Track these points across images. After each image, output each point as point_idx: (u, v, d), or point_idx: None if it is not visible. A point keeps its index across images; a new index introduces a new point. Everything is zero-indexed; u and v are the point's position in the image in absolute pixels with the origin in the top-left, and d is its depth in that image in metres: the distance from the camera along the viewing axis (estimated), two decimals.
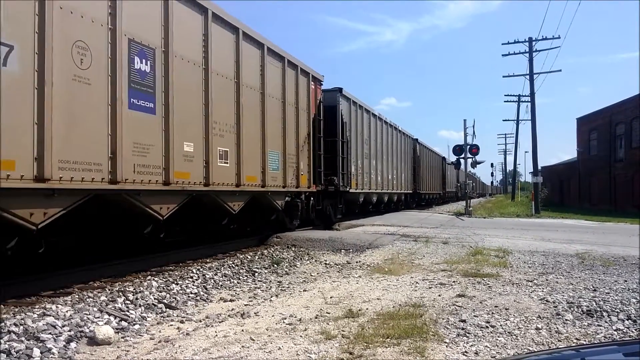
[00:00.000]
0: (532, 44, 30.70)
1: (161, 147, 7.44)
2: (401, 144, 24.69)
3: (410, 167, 27.12)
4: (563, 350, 2.45)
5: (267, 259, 9.55)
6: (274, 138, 11.25)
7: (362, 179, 17.76)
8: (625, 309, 5.58)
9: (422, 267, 8.47)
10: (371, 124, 19.32)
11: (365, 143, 18.40)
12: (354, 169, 16.66)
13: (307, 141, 13.01)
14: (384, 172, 21.06)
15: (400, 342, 4.38)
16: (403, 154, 25.18)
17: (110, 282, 6.89)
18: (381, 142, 20.73)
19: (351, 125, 16.53)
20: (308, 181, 13.04)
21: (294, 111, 12.34)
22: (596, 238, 13.85)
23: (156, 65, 7.38)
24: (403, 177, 25.16)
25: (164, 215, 7.61)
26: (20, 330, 4.53)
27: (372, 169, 19.12)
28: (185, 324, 5.28)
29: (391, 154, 22.48)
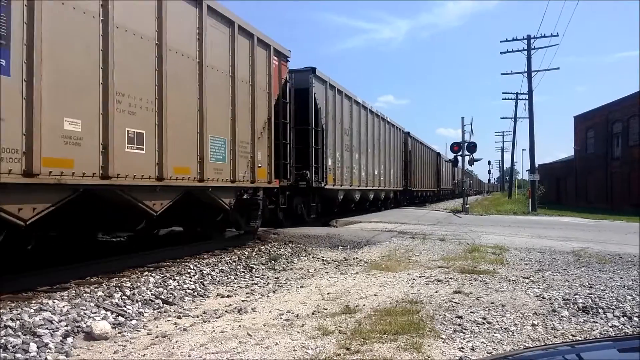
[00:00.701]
0: (530, 42, 30.72)
1: (21, 123, 5.35)
2: (390, 136, 22.94)
3: (400, 162, 25.32)
4: (558, 346, 2.46)
5: (264, 255, 9.55)
6: (218, 121, 8.99)
7: (342, 173, 16.03)
8: (620, 305, 5.61)
9: (419, 264, 8.49)
10: (353, 113, 17.39)
11: (346, 133, 16.49)
12: (331, 163, 14.92)
13: (267, 127, 10.84)
14: (369, 167, 19.36)
15: (397, 338, 4.39)
16: (392, 148, 23.47)
17: (107, 277, 6.88)
18: (366, 133, 18.87)
19: (328, 111, 14.61)
20: (268, 175, 10.95)
21: (248, 90, 10.05)
22: (592, 236, 13.90)
23: (12, 6, 5.29)
24: (392, 173, 23.37)
25: (26, 220, 5.54)
26: (17, 325, 4.52)
27: (354, 163, 17.39)
28: (183, 319, 5.28)
29: (378, 147, 20.68)
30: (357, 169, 17.87)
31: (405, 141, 26.79)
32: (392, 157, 23.31)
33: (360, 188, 18.40)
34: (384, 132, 21.75)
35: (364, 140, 18.65)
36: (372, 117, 19.89)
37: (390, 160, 23.02)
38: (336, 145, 15.45)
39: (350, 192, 17.56)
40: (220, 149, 9.10)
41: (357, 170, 17.84)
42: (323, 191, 14.74)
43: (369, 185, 19.43)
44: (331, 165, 14.87)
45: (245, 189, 10.19)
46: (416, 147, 29.55)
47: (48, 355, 4.07)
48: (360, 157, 18.17)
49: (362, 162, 18.41)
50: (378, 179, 20.76)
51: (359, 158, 17.96)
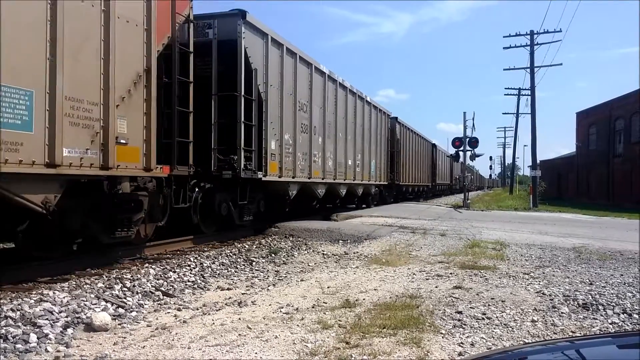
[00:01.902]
0: (533, 37, 30.60)
1: None
2: (372, 121, 19.36)
3: (385, 153, 21.63)
4: (558, 342, 2.46)
5: (264, 249, 9.56)
6: (20, 59, 5.43)
7: (295, 162, 12.26)
8: (621, 302, 5.61)
9: (419, 259, 8.49)
10: (315, 84, 13.54)
11: (303, 110, 12.69)
12: (276, 146, 11.22)
13: (142, 84, 7.27)
14: (339, 155, 15.65)
15: (396, 332, 4.40)
16: (375, 135, 19.98)
17: (107, 269, 6.90)
18: (334, 112, 15.06)
19: (269, 76, 10.80)
20: (144, 158, 7.34)
21: (97, 16, 6.47)
22: (593, 232, 13.88)
23: None
24: (374, 164, 19.82)
25: None
26: (17, 316, 4.53)
27: (316, 149, 13.68)
28: (183, 311, 5.29)
29: (353, 132, 17.15)
30: (321, 156, 14.07)
31: (392, 128, 23.13)
32: (373, 145, 19.70)
33: (326, 181, 14.51)
34: (362, 114, 18.12)
35: (332, 121, 14.85)
36: (344, 94, 16.12)
37: (372, 149, 19.36)
38: (284, 122, 11.64)
39: (310, 186, 13.64)
40: (22, 108, 5.47)
41: (321, 159, 14.07)
42: (266, 185, 11.30)
43: (338, 177, 15.57)
44: (275, 149, 11.18)
45: (90, 178, 6.60)
46: (406, 135, 25.91)
47: (48, 345, 4.09)
48: (326, 143, 14.37)
49: (328, 149, 14.56)
50: (353, 170, 17.11)
51: (323, 143, 14.14)
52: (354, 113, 17.35)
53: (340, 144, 15.84)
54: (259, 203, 11.61)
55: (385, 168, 21.87)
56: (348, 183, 16.74)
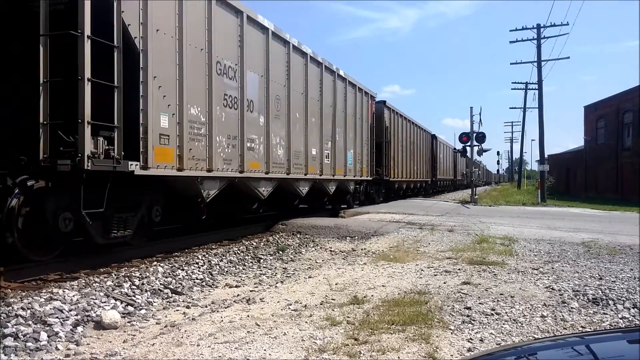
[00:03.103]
0: (540, 31, 30.40)
1: None
2: (349, 102, 15.79)
3: (368, 142, 18.07)
4: (568, 337, 2.45)
5: (272, 246, 9.58)
6: None
7: (212, 148, 8.44)
8: (631, 297, 5.57)
9: (427, 255, 8.48)
10: (249, 41, 9.70)
11: (229, 75, 9.06)
12: (171, 123, 7.49)
13: None
14: (295, 142, 11.81)
15: (405, 328, 4.39)
16: (354, 120, 16.37)
17: (116, 267, 6.93)
18: (286, 86, 11.39)
19: (153, 15, 7.09)
20: None
21: None
22: (602, 227, 13.80)
23: None
24: (352, 155, 16.09)
25: None
26: (28, 314, 4.57)
27: (254, 131, 9.92)
28: (191, 309, 5.32)
29: (318, 114, 13.30)
30: (263, 143, 10.27)
31: (379, 113, 19.67)
32: (351, 132, 16.09)
33: (273, 176, 10.76)
34: (332, 92, 14.22)
35: (282, 96, 11.24)
36: (303, 62, 12.32)
37: (348, 137, 15.74)
38: (188, 89, 7.76)
39: (245, 183, 9.84)
40: None
41: (263, 146, 10.30)
42: (161, 182, 7.82)
43: (295, 171, 11.87)
44: (170, 128, 7.41)
45: None
46: (398, 123, 22.51)
47: (58, 344, 4.11)
48: (272, 124, 10.63)
49: (276, 133, 10.91)
50: (319, 163, 13.34)
51: (267, 125, 10.39)
52: (319, 89, 13.31)
53: (298, 127, 12.04)
54: (152, 210, 7.84)
55: (369, 160, 18.18)
56: (311, 178, 12.91)
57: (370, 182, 18.87)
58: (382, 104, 20.09)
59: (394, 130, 21.60)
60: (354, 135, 16.41)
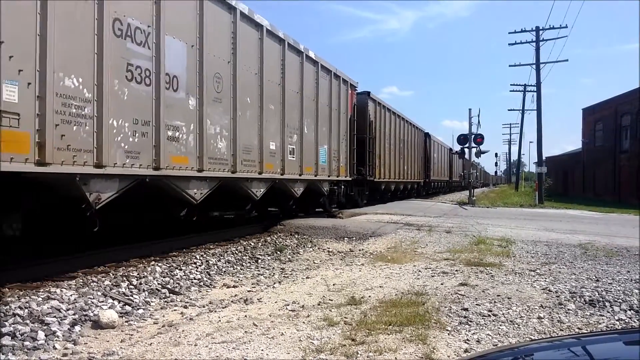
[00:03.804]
0: (539, 33, 30.45)
1: None
2: (322, 89, 13.58)
3: (348, 137, 15.83)
4: (565, 338, 2.46)
5: (270, 246, 9.59)
6: None
7: (106, 135, 6.31)
8: (627, 299, 5.59)
9: (424, 256, 8.49)
10: None
11: (138, 41, 6.91)
12: (22, 96, 5.20)
13: None
14: (244, 133, 9.66)
15: (402, 329, 4.40)
16: (328, 111, 14.04)
17: (114, 267, 6.93)
18: (232, 62, 9.19)
19: None
20: None
21: None
22: (599, 229, 13.83)
23: None
24: (326, 152, 13.91)
25: None
26: (25, 314, 4.57)
27: (179, 117, 7.80)
28: (189, 309, 5.32)
29: (280, 101, 11.20)
30: (194, 132, 8.12)
31: (362, 105, 17.55)
32: (325, 125, 13.89)
33: (212, 175, 8.64)
34: (299, 76, 12.19)
35: (225, 75, 9.00)
36: (257, 36, 10.14)
37: (321, 131, 13.58)
38: (52, 45, 5.56)
39: (166, 182, 7.61)
40: None
41: (195, 137, 8.12)
42: None
43: (245, 169, 9.72)
44: (15, 98, 5.17)
45: None
46: (385, 118, 20.41)
47: (56, 343, 4.11)
48: (209, 109, 8.49)
49: (215, 121, 8.76)
50: (280, 159, 11.26)
51: (200, 109, 8.26)
52: (280, 71, 11.18)
53: (249, 115, 9.87)
54: None
55: (349, 158, 15.99)
56: (269, 178, 10.74)
57: (351, 183, 16.65)
58: (365, 95, 17.85)
59: (380, 125, 19.43)
60: (328, 128, 14.10)
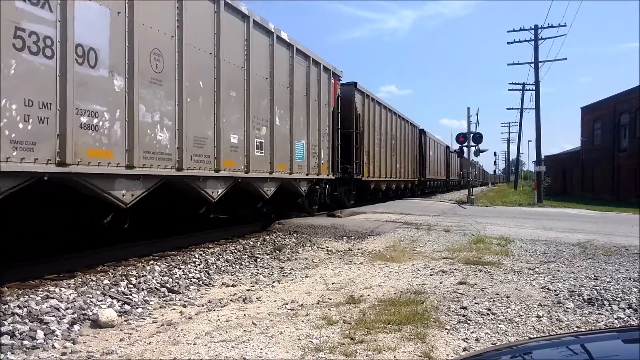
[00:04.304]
0: (537, 32, 30.46)
1: None
2: (298, 76, 12.03)
3: (329, 131, 14.30)
4: (563, 337, 2.46)
5: (269, 245, 9.59)
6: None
7: None
8: (626, 297, 5.60)
9: (423, 255, 8.49)
10: None
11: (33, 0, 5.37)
12: None
13: None
14: (194, 122, 8.12)
15: (401, 328, 4.40)
16: (306, 101, 12.63)
17: (113, 266, 6.93)
18: (177, 37, 7.67)
19: None
20: None
21: None
22: (598, 227, 13.84)
23: None
24: (303, 147, 12.46)
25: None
26: (24, 313, 4.57)
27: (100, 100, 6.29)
28: (188, 308, 5.32)
29: (244, 87, 9.61)
30: (121, 119, 6.61)
31: (349, 97, 16.20)
32: (302, 116, 12.47)
33: (147, 172, 7.08)
34: (268, 59, 10.61)
35: (172, 52, 7.61)
36: (211, 6, 8.63)
37: (297, 122, 12.10)
38: None
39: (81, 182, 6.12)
40: None
41: (122, 124, 6.64)
42: None
43: (195, 165, 8.13)
44: None
45: None
46: (375, 112, 19.22)
47: (55, 342, 4.11)
48: (142, 92, 6.99)
49: (152, 105, 7.19)
50: (245, 154, 9.67)
51: (130, 90, 6.76)
52: (244, 52, 9.58)
53: (202, 102, 8.29)
54: None
55: (331, 155, 14.50)
56: (229, 177, 9.18)
57: (336, 182, 15.25)
58: (352, 87, 16.51)
59: (368, 119, 18.12)
60: (306, 121, 12.63)
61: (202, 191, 8.50)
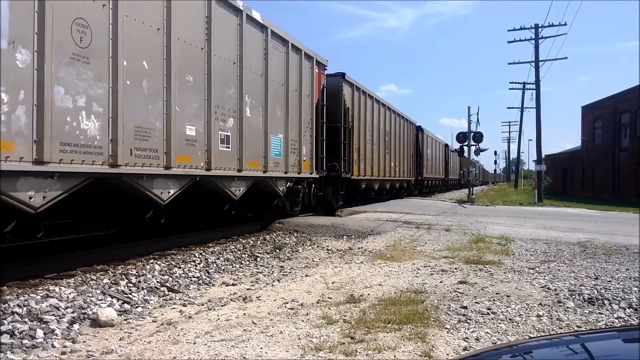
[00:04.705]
0: (538, 31, 30.44)
1: None
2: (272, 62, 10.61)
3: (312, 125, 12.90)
4: (563, 336, 2.46)
5: (269, 244, 9.58)
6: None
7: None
8: (626, 297, 5.59)
9: (424, 254, 8.49)
10: None
11: None
12: None
13: None
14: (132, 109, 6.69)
15: (401, 327, 4.40)
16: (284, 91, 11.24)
17: (113, 265, 6.92)
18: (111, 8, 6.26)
19: None
20: None
21: None
22: (599, 227, 13.84)
23: None
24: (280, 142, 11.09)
25: None
26: (24, 312, 4.56)
27: None
28: (188, 307, 5.31)
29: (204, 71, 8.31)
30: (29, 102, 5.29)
31: (336, 89, 14.96)
32: (279, 108, 11.05)
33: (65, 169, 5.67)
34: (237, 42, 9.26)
35: (103, 24, 6.21)
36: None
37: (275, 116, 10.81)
38: None
39: None
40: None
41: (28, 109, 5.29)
42: None
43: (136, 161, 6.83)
44: None
45: None
46: (367, 106, 18.03)
47: (55, 341, 4.11)
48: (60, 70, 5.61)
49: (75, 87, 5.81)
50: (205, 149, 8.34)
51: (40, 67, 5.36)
52: (204, 30, 8.25)
53: (147, 86, 7.00)
54: None
55: (314, 151, 13.11)
56: (185, 175, 7.88)
57: (321, 181, 13.87)
58: (339, 78, 15.19)
59: (359, 113, 16.96)
60: (284, 113, 11.24)
61: (148, 192, 7.15)
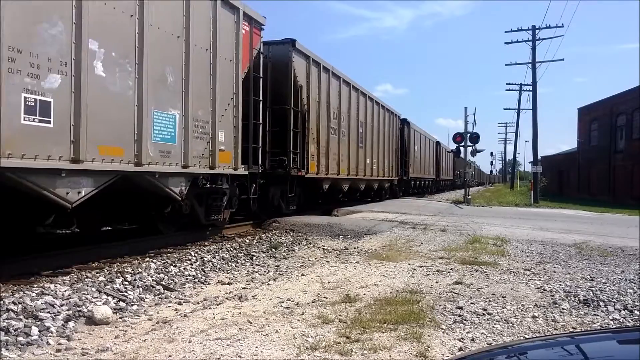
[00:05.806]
0: (535, 32, 30.51)
1: None
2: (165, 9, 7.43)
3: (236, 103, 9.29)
4: (558, 337, 2.46)
5: (265, 243, 9.57)
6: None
7: None
8: (622, 299, 5.61)
9: (420, 254, 8.50)
10: None
11: None
12: None
13: None
14: None
15: (397, 327, 4.40)
16: (191, 51, 7.92)
17: (108, 263, 6.90)
18: None
19: None
20: None
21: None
22: (594, 228, 13.88)
23: None
24: (176, 121, 7.70)
25: None
26: (19, 309, 4.55)
27: None
28: (183, 305, 5.30)
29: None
30: None
31: (283, 60, 12.00)
32: (174, 73, 7.65)
33: None
34: None
35: None
36: None
37: (160, 80, 7.37)
38: None
39: None
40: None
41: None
42: None
43: None
44: None
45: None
46: (329, 87, 14.52)
47: (50, 339, 4.09)
48: None
49: None
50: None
51: None
52: None
53: None
54: None
55: (239, 136, 9.61)
56: None
57: (254, 179, 10.66)
58: (287, 46, 11.94)
59: (318, 95, 13.52)
60: (182, 79, 7.92)
61: None
